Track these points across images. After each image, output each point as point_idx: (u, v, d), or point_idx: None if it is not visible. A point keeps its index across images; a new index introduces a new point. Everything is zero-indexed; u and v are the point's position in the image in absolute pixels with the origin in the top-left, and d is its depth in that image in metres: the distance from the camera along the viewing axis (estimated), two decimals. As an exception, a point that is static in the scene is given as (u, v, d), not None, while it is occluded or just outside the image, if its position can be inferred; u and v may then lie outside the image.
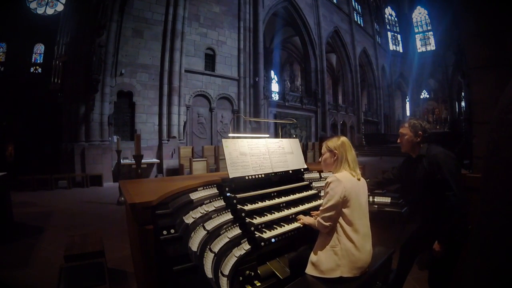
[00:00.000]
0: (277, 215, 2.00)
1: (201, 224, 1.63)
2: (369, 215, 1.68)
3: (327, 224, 1.55)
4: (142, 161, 5.98)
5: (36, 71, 14.26)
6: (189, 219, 1.59)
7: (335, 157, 1.68)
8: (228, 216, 1.83)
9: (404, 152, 2.06)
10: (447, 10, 19.53)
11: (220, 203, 1.88)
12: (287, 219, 2.03)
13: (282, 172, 2.33)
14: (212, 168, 9.46)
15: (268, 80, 17.17)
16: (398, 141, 2.05)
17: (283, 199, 2.17)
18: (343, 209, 1.54)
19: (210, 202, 1.83)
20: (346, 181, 1.56)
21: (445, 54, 24.40)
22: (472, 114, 2.62)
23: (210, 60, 11.66)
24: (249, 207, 1.92)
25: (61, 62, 9.51)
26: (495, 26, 2.25)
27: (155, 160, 9.63)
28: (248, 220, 1.83)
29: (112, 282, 2.10)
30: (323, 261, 1.51)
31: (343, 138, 1.74)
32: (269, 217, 1.95)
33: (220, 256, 1.55)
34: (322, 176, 2.74)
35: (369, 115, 24.90)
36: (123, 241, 3.40)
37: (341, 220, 1.54)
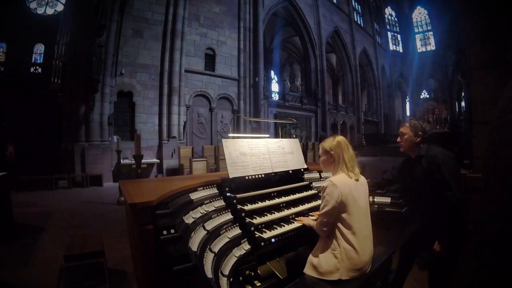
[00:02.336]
0: (277, 215, 2.00)
1: (201, 224, 1.63)
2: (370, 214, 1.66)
3: (324, 228, 1.57)
4: (142, 161, 5.99)
5: (36, 71, 14.27)
6: (189, 219, 1.59)
7: (332, 158, 1.65)
8: (228, 216, 1.83)
9: (403, 152, 2.05)
10: (447, 10, 19.51)
11: (220, 203, 1.88)
12: (287, 219, 2.03)
13: (282, 172, 2.33)
14: (212, 168, 9.47)
15: (268, 80, 17.14)
16: (398, 140, 2.05)
17: (283, 199, 2.17)
18: (341, 215, 1.52)
19: (210, 202, 1.83)
20: (343, 186, 1.52)
21: (445, 54, 24.40)
22: (472, 114, 2.62)
23: (210, 60, 11.66)
24: (249, 207, 1.92)
25: (61, 62, 9.53)
26: (495, 26, 2.24)
27: (155, 160, 9.63)
28: (248, 220, 1.83)
29: (112, 282, 2.09)
30: (323, 263, 1.51)
31: (339, 138, 1.70)
32: (269, 217, 1.95)
33: (220, 256, 1.55)
34: (322, 176, 2.74)
35: (369, 115, 24.89)
36: (123, 241, 3.40)
37: (339, 224, 1.53)
